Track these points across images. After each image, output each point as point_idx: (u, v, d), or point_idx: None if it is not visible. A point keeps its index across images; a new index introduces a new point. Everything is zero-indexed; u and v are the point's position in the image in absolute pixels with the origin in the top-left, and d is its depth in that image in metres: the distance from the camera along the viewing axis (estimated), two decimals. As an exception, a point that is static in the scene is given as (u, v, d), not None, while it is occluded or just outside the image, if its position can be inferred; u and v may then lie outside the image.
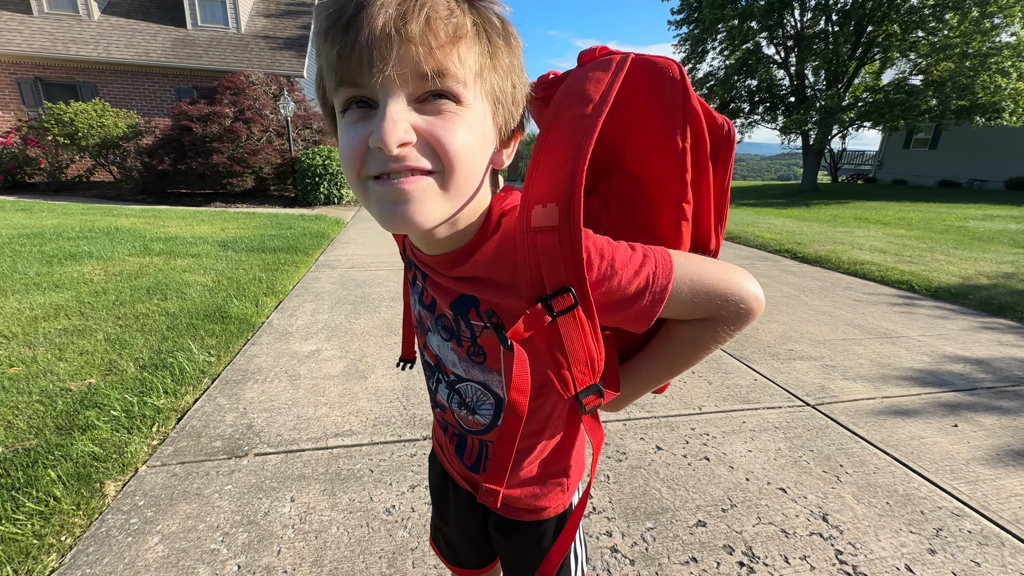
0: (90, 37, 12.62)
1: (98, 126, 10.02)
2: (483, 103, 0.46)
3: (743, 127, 20.00)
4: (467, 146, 0.44)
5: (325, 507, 1.65)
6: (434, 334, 0.64)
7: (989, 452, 2.10)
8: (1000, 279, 5.09)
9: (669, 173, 0.53)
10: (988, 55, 12.88)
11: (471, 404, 0.64)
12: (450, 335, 0.61)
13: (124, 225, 6.59)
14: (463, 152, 0.44)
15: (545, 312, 0.46)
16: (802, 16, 16.85)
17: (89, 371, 2.47)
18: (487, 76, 0.45)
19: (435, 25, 0.40)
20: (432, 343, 0.65)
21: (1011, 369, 2.98)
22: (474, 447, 0.68)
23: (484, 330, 0.56)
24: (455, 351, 0.61)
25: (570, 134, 0.45)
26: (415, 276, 0.64)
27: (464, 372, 0.62)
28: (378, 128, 0.41)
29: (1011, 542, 1.59)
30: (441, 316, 0.61)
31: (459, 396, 0.65)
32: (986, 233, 8.16)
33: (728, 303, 0.52)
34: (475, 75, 0.44)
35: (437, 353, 0.65)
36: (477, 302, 0.55)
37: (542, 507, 0.70)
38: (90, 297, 3.57)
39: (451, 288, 0.56)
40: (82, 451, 1.83)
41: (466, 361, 0.61)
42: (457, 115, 0.44)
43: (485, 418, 0.64)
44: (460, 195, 0.47)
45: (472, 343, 0.59)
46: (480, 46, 0.44)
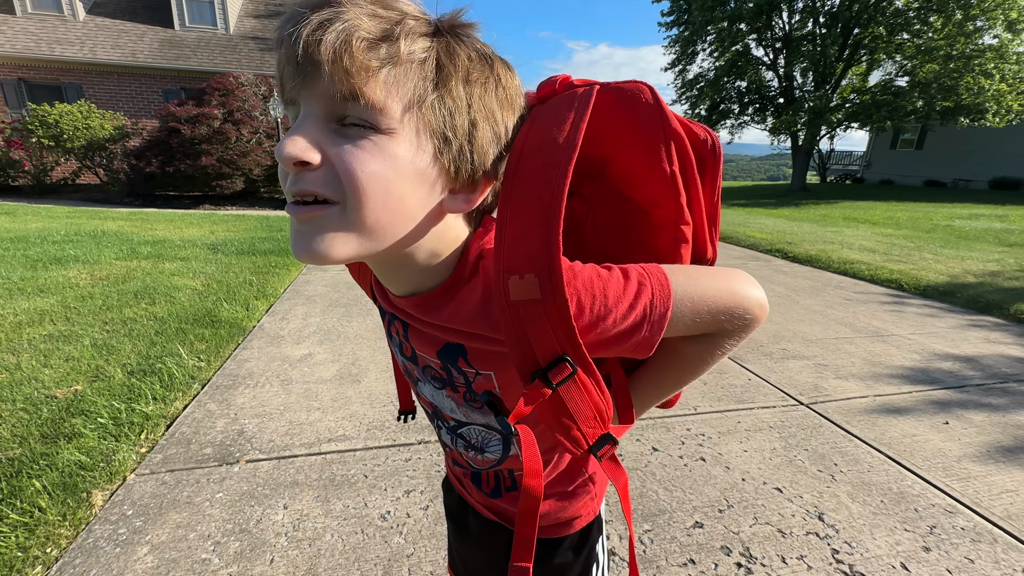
0: (75, 38, 12.43)
1: (84, 128, 9.87)
2: (419, 138, 0.40)
3: (733, 128, 20.16)
4: (378, 179, 0.39)
5: (319, 514, 1.63)
6: (424, 383, 0.60)
7: (980, 449, 2.13)
8: (986, 277, 5.17)
9: (662, 198, 0.51)
10: (971, 57, 13.11)
11: (478, 444, 0.61)
12: (442, 383, 0.57)
13: (111, 228, 6.48)
14: (370, 185, 0.39)
15: (543, 386, 0.43)
16: (790, 18, 17.04)
17: (75, 378, 2.42)
18: (429, 110, 0.40)
19: (354, 48, 0.36)
20: (425, 392, 0.61)
21: (999, 366, 3.02)
22: (490, 477, 0.66)
23: (477, 377, 0.53)
24: (451, 398, 0.58)
25: (537, 190, 0.41)
26: (391, 325, 0.58)
27: (464, 417, 0.59)
28: (281, 141, 0.39)
29: (1003, 538, 1.61)
30: (427, 367, 0.57)
31: (463, 440, 0.61)
32: (972, 232, 8.29)
33: (732, 316, 0.50)
34: (408, 106, 0.39)
35: (432, 401, 0.61)
36: (465, 351, 0.51)
37: (572, 518, 0.66)
38: (76, 302, 3.50)
39: (435, 336, 0.52)
40: (68, 460, 1.78)
41: (464, 407, 0.57)
42: (374, 144, 0.39)
43: (494, 454, 0.61)
44: (379, 235, 0.42)
45: (468, 389, 0.55)
46: (423, 76, 0.39)
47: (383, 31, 0.38)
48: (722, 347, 0.53)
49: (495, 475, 0.65)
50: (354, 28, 0.37)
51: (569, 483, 0.65)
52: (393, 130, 0.39)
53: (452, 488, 0.79)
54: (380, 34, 0.38)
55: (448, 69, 0.40)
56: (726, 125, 19.99)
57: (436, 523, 1.61)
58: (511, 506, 0.66)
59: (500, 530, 0.71)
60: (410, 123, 0.40)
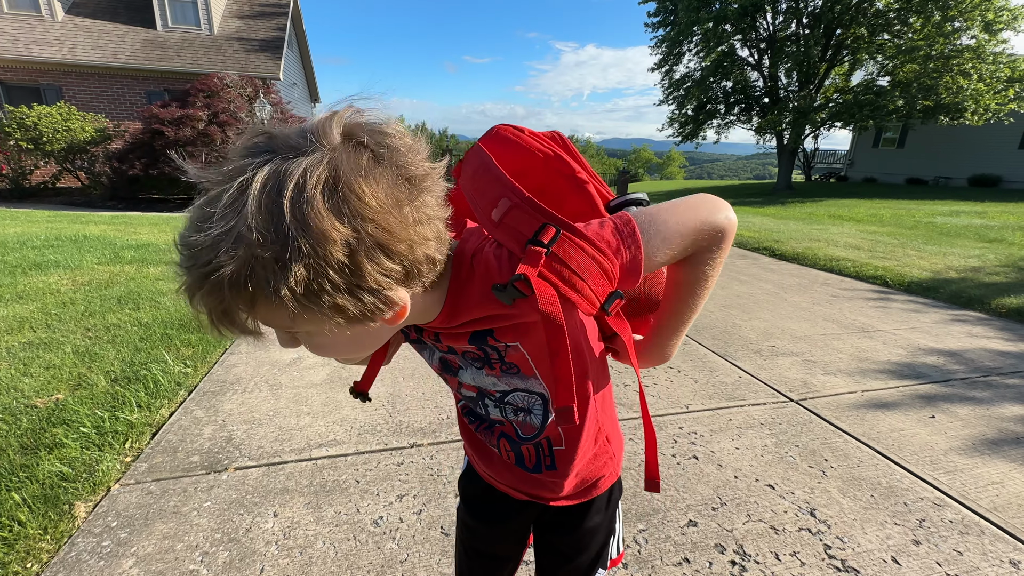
0: (53, 38, 12.17)
1: (64, 130, 9.66)
2: (323, 326, 0.45)
3: (719, 128, 20.35)
4: (330, 348, 0.53)
5: (310, 521, 1.60)
6: (466, 370, 0.69)
7: (965, 442, 2.16)
8: (968, 273, 5.28)
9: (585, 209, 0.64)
10: (950, 57, 13.38)
11: (524, 406, 0.69)
12: (482, 363, 0.66)
13: (93, 232, 6.35)
14: (331, 355, 0.56)
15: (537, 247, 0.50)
16: (774, 19, 17.25)
17: (56, 386, 2.36)
18: (302, 314, 0.42)
19: (224, 319, 0.43)
20: (466, 378, 0.70)
21: (982, 360, 3.08)
22: (531, 453, 0.73)
23: (507, 349, 0.62)
24: (491, 375, 0.67)
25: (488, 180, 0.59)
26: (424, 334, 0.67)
27: (507, 386, 0.67)
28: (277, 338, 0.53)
29: (990, 530, 1.63)
30: (466, 353, 0.66)
31: (511, 405, 0.70)
32: (953, 228, 8.46)
33: (702, 233, 0.58)
34: (290, 322, 0.45)
35: (475, 384, 0.70)
36: (491, 331, 0.60)
37: (598, 478, 0.76)
38: (57, 308, 3.42)
39: (462, 332, 0.61)
40: (49, 471, 1.74)
41: (504, 377, 0.66)
42: (310, 339, 0.51)
43: (538, 417, 0.69)
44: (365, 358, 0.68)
45: (502, 361, 0.64)
46: (268, 308, 0.42)
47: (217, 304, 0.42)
48: (707, 263, 0.62)
49: (536, 449, 0.72)
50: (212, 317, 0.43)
51: (593, 444, 0.73)
52: (309, 332, 0.49)
53: (475, 477, 0.85)
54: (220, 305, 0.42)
55: (271, 296, 0.40)
56: (712, 125, 20.17)
57: (430, 528, 1.59)
58: (549, 480, 0.73)
59: (532, 506, 0.79)
60: (307, 325, 0.46)
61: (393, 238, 0.43)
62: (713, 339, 3.32)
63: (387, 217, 0.42)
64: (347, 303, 0.42)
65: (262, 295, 0.40)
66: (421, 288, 0.51)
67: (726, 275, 5.23)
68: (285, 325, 0.46)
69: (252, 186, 0.38)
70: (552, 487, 0.74)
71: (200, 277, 0.40)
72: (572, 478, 0.73)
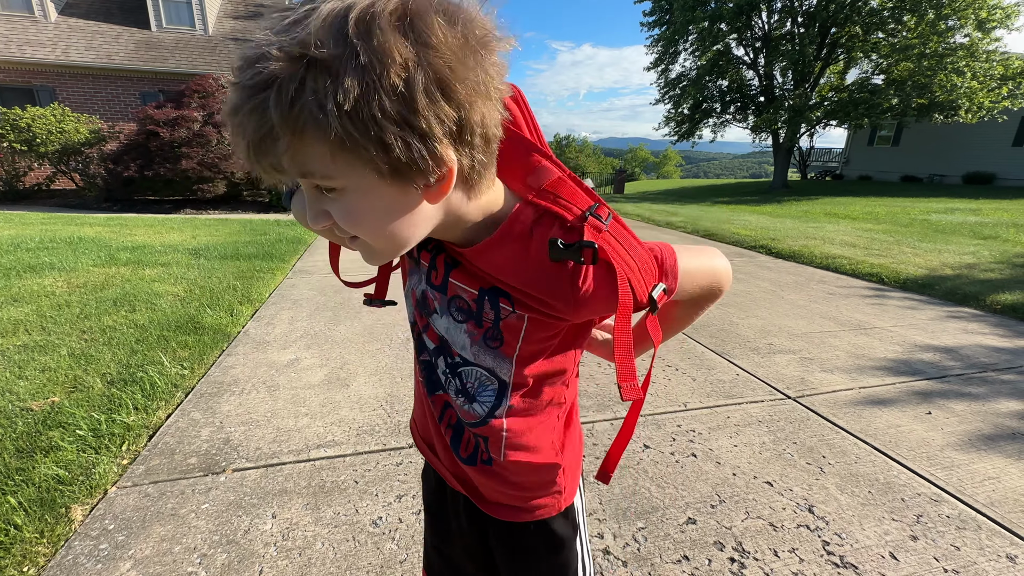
0: (47, 39, 12.10)
1: (58, 132, 9.60)
2: (360, 177, 0.42)
3: (715, 126, 20.40)
4: (366, 219, 0.47)
5: (308, 522, 1.60)
6: (443, 316, 0.62)
7: (962, 437, 2.17)
8: (963, 269, 5.30)
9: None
10: (944, 55, 13.45)
11: (471, 391, 0.62)
12: (466, 317, 0.59)
13: (88, 234, 6.32)
14: (362, 230, 0.47)
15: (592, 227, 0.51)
16: (769, 18, 17.31)
17: (52, 389, 2.35)
18: (344, 155, 0.40)
19: (264, 151, 0.41)
20: (438, 325, 0.63)
21: (977, 356, 3.09)
22: (469, 442, 0.67)
23: (510, 315, 0.56)
24: (469, 334, 0.60)
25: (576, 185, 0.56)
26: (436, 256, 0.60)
27: (472, 356, 0.61)
28: (307, 215, 0.48)
29: (987, 525, 1.64)
30: (456, 298, 0.59)
31: (459, 381, 0.63)
32: (948, 226, 8.50)
33: (713, 286, 0.64)
34: (328, 161, 0.41)
35: (443, 335, 0.63)
36: (509, 295, 0.56)
37: (537, 502, 0.69)
38: (52, 311, 3.40)
39: (484, 276, 0.56)
40: (45, 474, 1.73)
41: (479, 345, 0.60)
42: (341, 203, 0.45)
43: (483, 407, 0.62)
44: (394, 250, 0.51)
45: (493, 326, 0.58)
46: (321, 129, 0.38)
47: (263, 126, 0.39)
48: (703, 308, 0.69)
49: (474, 441, 0.66)
50: (251, 139, 0.40)
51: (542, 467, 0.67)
52: (343, 186, 0.44)
53: (430, 473, 0.80)
54: (264, 128, 0.39)
55: (319, 117, 0.37)
56: (709, 124, 20.23)
57: (429, 528, 1.59)
58: (481, 479, 0.67)
59: (476, 521, 0.73)
60: (343, 172, 0.42)
61: (455, 77, 0.40)
62: (711, 337, 3.33)
63: (452, 55, 0.40)
64: (394, 140, 0.39)
65: (307, 113, 0.37)
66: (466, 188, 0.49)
67: (723, 273, 5.24)
68: (321, 170, 0.42)
69: (320, 8, 0.38)
70: (483, 487, 0.68)
71: (248, 88, 0.38)
72: (506, 485, 0.66)
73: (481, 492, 0.69)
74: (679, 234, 8.15)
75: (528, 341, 0.58)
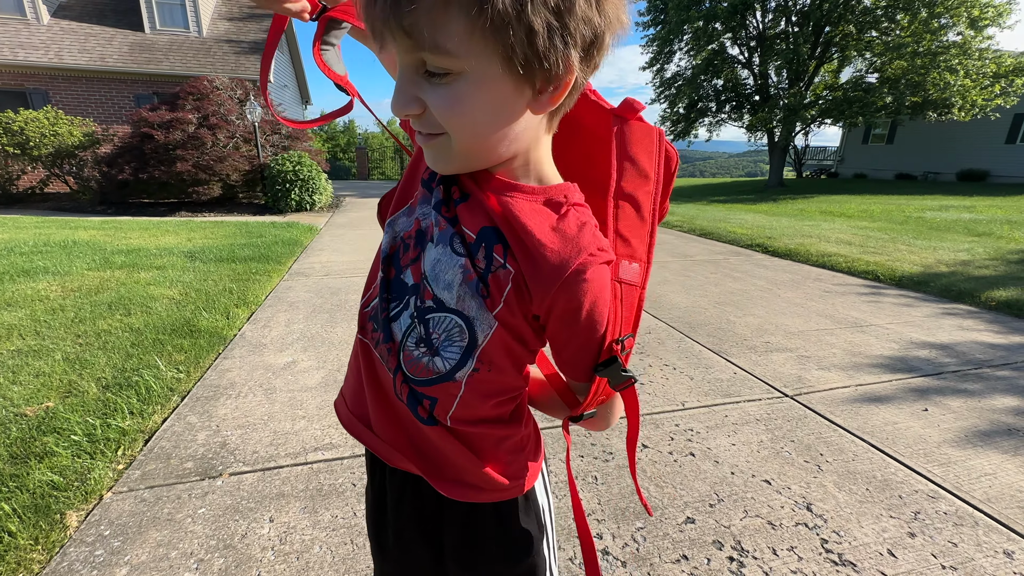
0: (39, 42, 12.02)
1: (51, 135, 9.53)
2: (487, 63, 0.42)
3: (711, 126, 20.44)
4: (468, 113, 0.45)
5: (306, 525, 1.59)
6: (441, 246, 0.55)
7: (958, 434, 2.18)
8: (958, 266, 5.33)
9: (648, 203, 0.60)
10: (937, 54, 13.51)
11: (435, 342, 0.55)
12: (467, 253, 0.54)
13: (82, 238, 6.28)
14: (460, 123, 0.46)
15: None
16: (763, 18, 17.35)
17: (46, 394, 2.33)
18: (484, 34, 0.40)
19: (402, 12, 0.40)
20: (429, 257, 0.56)
21: (973, 353, 3.11)
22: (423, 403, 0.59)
23: (500, 268, 0.53)
24: (463, 271, 0.54)
25: (645, 211, 0.57)
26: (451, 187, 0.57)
27: (454, 300, 0.54)
28: (392, 99, 0.47)
29: (984, 521, 1.65)
30: (459, 234, 0.55)
31: (424, 329, 0.56)
32: (942, 223, 8.54)
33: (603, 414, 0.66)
34: (464, 39, 0.41)
35: (429, 271, 0.56)
36: (507, 243, 0.52)
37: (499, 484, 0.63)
38: (46, 315, 3.37)
39: (492, 214, 0.53)
40: (40, 480, 1.71)
41: (468, 287, 0.54)
42: (452, 89, 0.44)
43: (446, 363, 0.56)
44: (479, 156, 0.50)
45: (482, 277, 0.53)
46: (465, 2, 0.39)
47: None
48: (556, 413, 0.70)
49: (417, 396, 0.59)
50: None
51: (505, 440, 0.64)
52: (463, 70, 0.43)
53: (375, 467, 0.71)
54: None
55: None
56: (704, 123, 20.26)
57: (427, 530, 1.58)
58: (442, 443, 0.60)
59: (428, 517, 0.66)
60: (474, 53, 0.42)
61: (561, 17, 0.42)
62: (708, 336, 3.33)
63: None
64: (542, 30, 0.40)
65: None
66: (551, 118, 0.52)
67: (719, 272, 5.25)
68: (452, 46, 0.41)
69: None
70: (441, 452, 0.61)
71: None
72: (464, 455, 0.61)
73: (437, 462, 0.62)
74: (676, 233, 8.16)
75: (508, 305, 0.53)
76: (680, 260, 5.89)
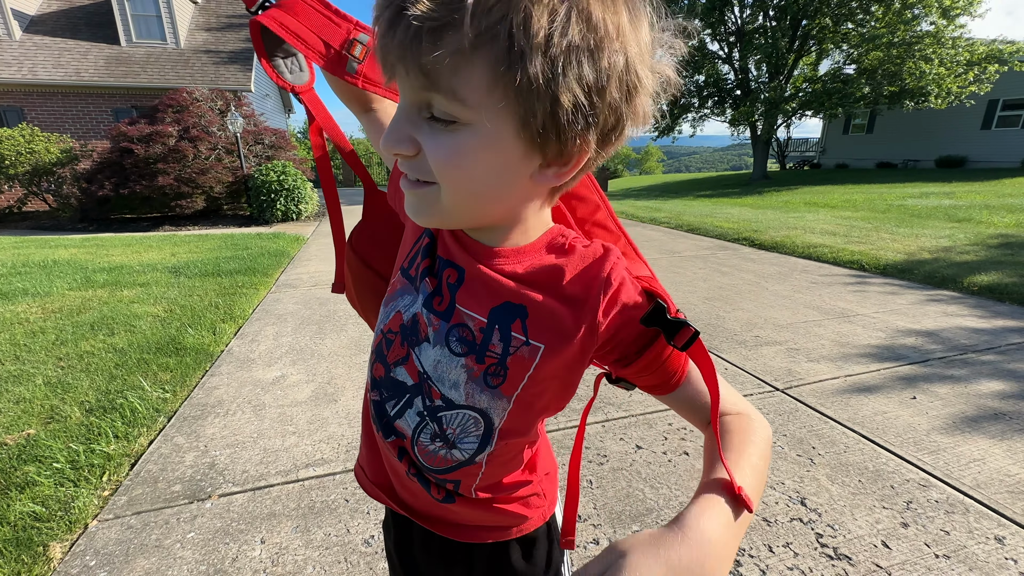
0: (12, 58, 11.79)
1: (27, 152, 9.35)
2: (501, 122, 0.39)
3: (694, 121, 20.62)
4: (465, 168, 0.41)
5: (299, 545, 1.56)
6: (436, 347, 0.52)
7: (946, 421, 2.21)
8: (940, 253, 5.42)
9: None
10: (911, 43, 13.77)
11: (451, 437, 0.54)
12: (468, 349, 0.51)
13: (63, 257, 6.16)
14: (458, 174, 0.42)
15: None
16: (742, 13, 17.56)
17: (27, 420, 2.27)
18: (506, 92, 0.37)
19: (423, 46, 0.36)
20: (425, 358, 0.53)
21: (958, 338, 3.15)
22: (437, 488, 0.60)
23: (522, 347, 0.50)
24: (467, 369, 0.51)
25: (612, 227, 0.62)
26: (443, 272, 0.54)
27: (463, 397, 0.52)
28: (385, 133, 0.43)
29: (975, 507, 1.67)
30: (459, 326, 0.51)
31: (437, 426, 0.54)
32: (923, 210, 8.68)
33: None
34: (484, 90, 0.37)
35: (428, 371, 0.53)
36: (526, 314, 0.49)
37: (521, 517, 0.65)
38: (26, 338, 3.30)
39: (499, 288, 0.50)
40: (21, 512, 1.66)
41: (476, 383, 0.51)
42: (455, 137, 0.40)
43: (464, 453, 0.55)
44: (468, 210, 0.46)
45: (499, 363, 0.50)
46: (494, 57, 0.36)
47: (447, 15, 0.35)
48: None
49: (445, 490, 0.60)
50: (418, 21, 0.35)
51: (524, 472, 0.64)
52: (470, 121, 0.39)
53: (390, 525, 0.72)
54: (445, 18, 0.35)
55: (521, 44, 0.35)
56: (687, 119, 20.43)
57: (422, 543, 1.56)
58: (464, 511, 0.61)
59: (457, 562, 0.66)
60: (489, 108, 0.38)
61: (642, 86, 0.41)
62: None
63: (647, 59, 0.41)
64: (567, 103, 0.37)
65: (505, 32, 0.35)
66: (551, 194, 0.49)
67: (708, 267, 5.28)
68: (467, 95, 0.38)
69: None
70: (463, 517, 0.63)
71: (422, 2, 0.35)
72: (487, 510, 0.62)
73: (459, 523, 0.63)
74: (663, 230, 8.21)
75: (534, 381, 0.51)
76: (668, 257, 5.92)
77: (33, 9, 12.96)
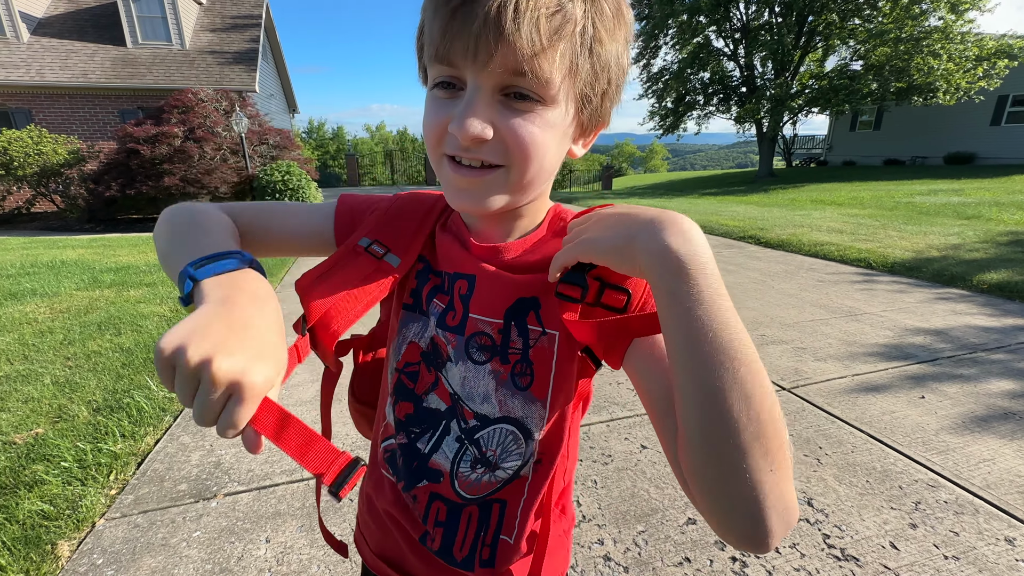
0: (20, 60, 11.89)
1: (35, 154, 9.44)
2: (569, 102, 0.44)
3: (699, 119, 20.52)
4: (541, 147, 0.44)
5: (303, 544, 1.56)
6: (459, 363, 0.53)
7: (955, 421, 2.18)
8: (949, 251, 5.36)
9: None
10: (919, 39, 13.62)
11: (493, 457, 0.52)
12: (490, 354, 0.52)
13: (70, 257, 6.21)
14: (535, 153, 0.44)
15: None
16: (747, 9, 17.43)
17: (36, 420, 2.29)
18: (580, 74, 0.43)
19: (540, 25, 0.39)
20: (452, 376, 0.54)
21: (967, 337, 3.12)
22: (468, 534, 0.55)
23: (541, 338, 0.50)
24: (494, 374, 0.52)
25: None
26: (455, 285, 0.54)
27: (497, 407, 0.52)
28: (459, 118, 0.42)
29: (985, 508, 1.65)
30: (477, 335, 0.52)
31: (477, 450, 0.53)
32: (932, 207, 8.60)
33: None
34: (567, 73, 0.42)
35: (457, 390, 0.54)
36: (539, 305, 0.51)
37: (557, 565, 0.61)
38: (34, 338, 3.33)
39: (511, 287, 0.51)
40: (30, 511, 1.68)
41: (506, 388, 0.51)
42: (538, 115, 0.43)
43: (508, 470, 0.53)
44: (526, 190, 0.48)
45: (522, 358, 0.51)
46: (580, 41, 0.41)
47: (558, 2, 0.39)
48: None
49: (478, 528, 0.55)
50: (543, 4, 0.38)
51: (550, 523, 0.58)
52: (554, 99, 0.43)
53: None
54: (556, 6, 0.39)
55: (599, 32, 0.42)
56: (692, 116, 20.33)
57: (427, 543, 1.56)
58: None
59: None
60: (567, 89, 0.43)
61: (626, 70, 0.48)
62: (703, 331, 3.32)
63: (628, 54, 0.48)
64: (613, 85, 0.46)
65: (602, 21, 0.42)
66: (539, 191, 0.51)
67: (713, 266, 5.25)
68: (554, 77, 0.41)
69: None
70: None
71: None
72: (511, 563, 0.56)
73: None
74: (668, 228, 8.17)
75: (561, 376, 0.51)
76: (673, 255, 5.89)
77: (40, 11, 13.07)
